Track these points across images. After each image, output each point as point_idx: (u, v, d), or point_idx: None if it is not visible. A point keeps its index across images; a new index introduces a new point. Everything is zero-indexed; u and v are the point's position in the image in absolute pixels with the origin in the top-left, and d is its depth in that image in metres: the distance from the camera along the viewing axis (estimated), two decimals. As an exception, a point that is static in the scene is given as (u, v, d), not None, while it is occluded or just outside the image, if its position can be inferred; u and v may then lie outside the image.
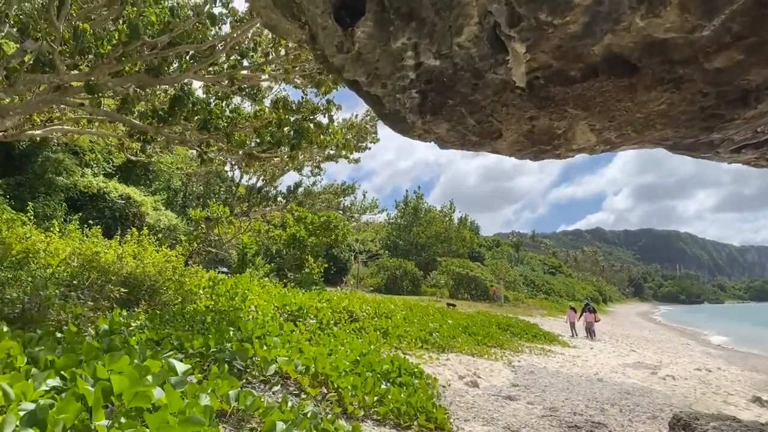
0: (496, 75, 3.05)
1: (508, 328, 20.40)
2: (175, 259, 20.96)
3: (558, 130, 3.36)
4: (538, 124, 3.33)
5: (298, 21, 3.68)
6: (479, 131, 3.57)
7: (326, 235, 21.43)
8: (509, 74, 2.95)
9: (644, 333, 36.59)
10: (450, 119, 3.55)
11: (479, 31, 2.83)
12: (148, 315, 8.46)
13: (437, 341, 13.71)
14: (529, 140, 3.60)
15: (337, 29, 3.40)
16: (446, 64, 3.11)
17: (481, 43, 2.86)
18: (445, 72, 3.22)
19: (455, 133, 3.71)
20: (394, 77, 3.42)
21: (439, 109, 3.47)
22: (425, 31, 2.97)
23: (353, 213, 39.32)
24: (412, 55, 3.19)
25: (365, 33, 3.24)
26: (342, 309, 13.15)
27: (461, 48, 2.94)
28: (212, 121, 10.44)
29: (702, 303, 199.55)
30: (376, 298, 18.61)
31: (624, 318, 62.47)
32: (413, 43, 3.09)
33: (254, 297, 12.93)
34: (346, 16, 3.28)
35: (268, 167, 15.64)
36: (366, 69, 3.53)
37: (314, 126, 10.79)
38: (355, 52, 3.44)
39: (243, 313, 11.00)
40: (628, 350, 21.52)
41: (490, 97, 3.22)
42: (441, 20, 2.85)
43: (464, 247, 69.30)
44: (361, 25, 3.21)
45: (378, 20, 3.09)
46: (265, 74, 12.35)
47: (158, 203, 26.70)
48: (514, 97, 3.16)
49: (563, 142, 3.52)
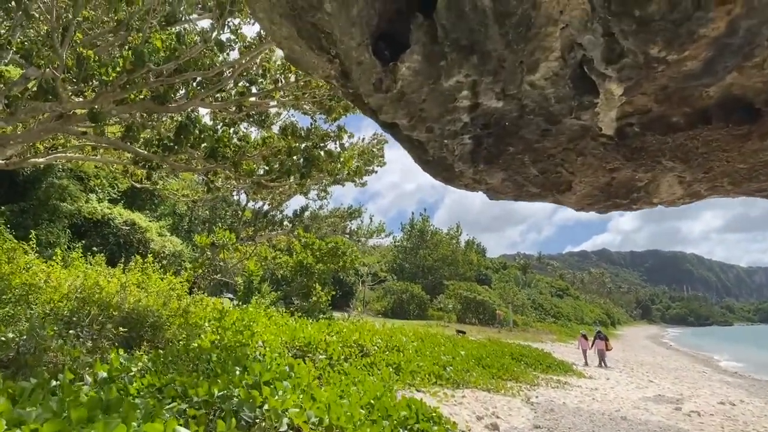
0: (576, 120, 2.59)
1: (521, 358, 19.78)
2: (180, 287, 20.57)
3: (639, 182, 2.88)
4: (618, 176, 2.85)
5: (327, 54, 3.24)
6: (542, 182, 3.10)
7: (334, 262, 20.96)
8: (594, 120, 2.48)
9: (658, 359, 35.75)
10: (507, 168, 3.07)
11: (560, 68, 2.37)
12: (151, 356, 7.98)
13: (451, 376, 13.15)
14: (604, 193, 3.13)
15: (376, 64, 2.94)
16: (511, 106, 2.63)
17: (560, 83, 2.39)
18: (508, 115, 2.74)
19: (512, 183, 3.23)
20: (443, 120, 2.95)
21: (495, 158, 2.99)
22: (489, 67, 2.48)
23: (360, 237, 38.86)
24: (469, 95, 2.72)
25: (411, 69, 2.77)
26: (352, 343, 12.64)
27: (534, 87, 2.47)
28: (219, 150, 10.08)
29: (711, 325, 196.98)
30: (386, 329, 18.06)
31: (634, 342, 61.39)
32: (471, 81, 2.61)
33: (262, 330, 12.44)
34: (386, 49, 2.84)
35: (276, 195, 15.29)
36: (409, 110, 3.07)
37: (325, 154, 10.42)
38: (397, 91, 2.97)
39: (250, 349, 10.51)
40: (646, 381, 20.82)
41: (563, 145, 2.75)
42: (512, 54, 2.37)
43: (471, 270, 68.61)
44: (406, 59, 2.74)
45: (427, 54, 2.63)
46: (273, 101, 12.05)
47: (163, 229, 26.35)
48: (596, 146, 2.68)
49: (643, 195, 3.05)
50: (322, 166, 10.66)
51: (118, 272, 19.11)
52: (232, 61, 9.80)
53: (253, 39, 9.76)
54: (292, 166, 10.13)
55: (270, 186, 11.15)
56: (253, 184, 11.10)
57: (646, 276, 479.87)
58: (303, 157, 10.28)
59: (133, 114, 10.13)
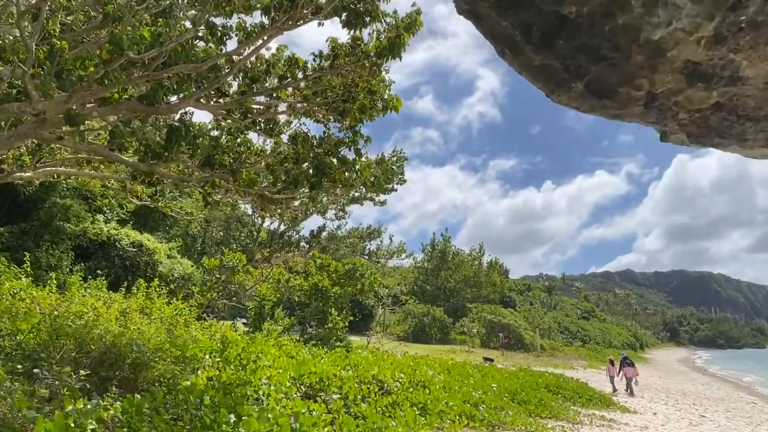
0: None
1: (558, 391, 17.95)
2: (187, 313, 19.17)
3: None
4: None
5: None
6: None
7: (351, 285, 19.43)
8: None
9: (699, 388, 33.40)
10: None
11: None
12: (123, 403, 6.51)
13: (485, 416, 11.49)
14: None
15: None
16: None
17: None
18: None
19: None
20: None
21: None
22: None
23: (379, 258, 37.38)
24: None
25: None
26: (371, 378, 11.04)
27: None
28: (217, 157, 8.72)
29: (742, 348, 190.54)
30: (409, 360, 16.44)
31: (668, 367, 58.54)
32: None
33: (268, 363, 10.93)
34: None
35: (285, 211, 13.88)
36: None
37: (338, 161, 9.00)
38: None
39: (251, 388, 9.01)
40: (698, 416, 18.81)
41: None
42: None
43: (495, 292, 66.46)
44: None
45: None
46: (282, 103, 10.71)
47: (173, 251, 25.12)
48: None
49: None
50: (335, 175, 9.23)
51: (119, 297, 17.83)
52: (229, 51, 8.47)
53: (254, 27, 8.44)
54: (300, 176, 8.71)
55: (276, 199, 9.75)
56: (256, 198, 9.71)
57: (672, 297, 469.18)
58: (313, 165, 8.87)
59: (121, 117, 8.82)
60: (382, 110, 9.80)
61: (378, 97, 9.78)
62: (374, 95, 9.75)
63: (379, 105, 9.74)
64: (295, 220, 33.65)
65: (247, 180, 8.60)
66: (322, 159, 8.95)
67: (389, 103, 9.67)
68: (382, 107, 9.73)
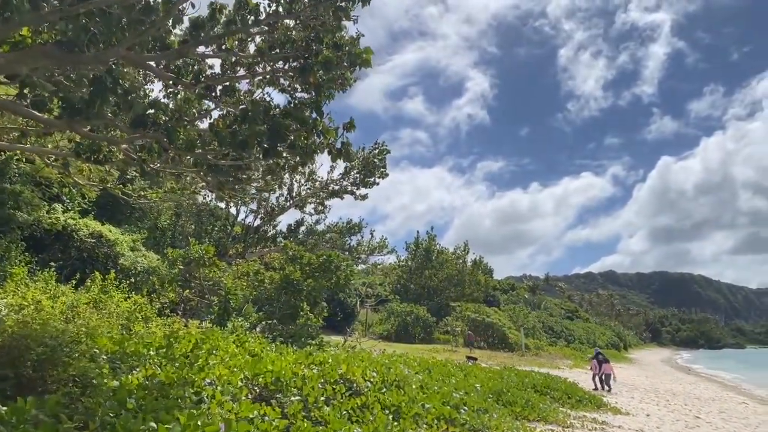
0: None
1: (546, 391, 16.75)
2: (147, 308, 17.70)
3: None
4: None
5: None
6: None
7: (326, 278, 18.05)
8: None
9: (687, 387, 32.51)
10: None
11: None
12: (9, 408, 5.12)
13: (466, 420, 10.22)
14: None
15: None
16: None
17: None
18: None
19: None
20: None
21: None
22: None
23: (360, 253, 36.00)
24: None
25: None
26: (338, 378, 9.70)
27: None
28: (151, 116, 7.34)
29: (722, 348, 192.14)
30: (385, 358, 15.14)
31: (653, 367, 57.92)
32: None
33: (219, 362, 9.55)
34: None
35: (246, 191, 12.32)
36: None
37: (296, 122, 7.65)
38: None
39: (192, 390, 7.63)
40: (692, 417, 17.72)
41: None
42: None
43: (479, 290, 65.37)
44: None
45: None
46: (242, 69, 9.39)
47: (137, 243, 23.55)
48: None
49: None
50: (296, 140, 7.89)
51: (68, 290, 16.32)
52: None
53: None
54: (249, 137, 7.35)
55: (225, 170, 8.37)
56: (202, 168, 8.33)
57: (653, 298, 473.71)
58: (267, 127, 7.51)
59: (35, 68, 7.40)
60: (350, 66, 8.49)
61: (344, 52, 8.47)
62: (340, 50, 8.45)
63: (346, 61, 8.42)
64: (272, 213, 32.22)
65: (186, 142, 7.24)
66: (277, 120, 7.59)
67: (358, 57, 8.36)
68: (350, 62, 8.41)
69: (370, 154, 34.14)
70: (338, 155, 8.47)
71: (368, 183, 34.20)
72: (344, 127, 8.58)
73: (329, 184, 31.70)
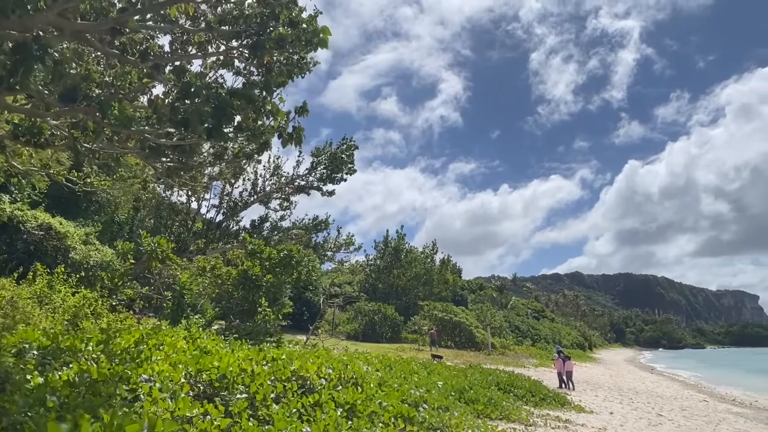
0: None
1: (510, 389, 16.48)
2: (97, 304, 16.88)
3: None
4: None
5: None
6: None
7: (287, 273, 17.45)
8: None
9: (650, 386, 32.84)
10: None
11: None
12: None
13: (425, 418, 9.81)
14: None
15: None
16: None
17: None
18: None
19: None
20: None
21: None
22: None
23: (326, 250, 35.40)
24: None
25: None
26: (290, 375, 9.17)
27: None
28: (83, 88, 6.72)
29: (684, 348, 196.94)
30: (343, 355, 14.66)
31: (617, 366, 58.68)
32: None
33: (164, 358, 8.93)
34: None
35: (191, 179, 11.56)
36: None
37: (243, 99, 7.11)
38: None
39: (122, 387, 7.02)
40: (655, 415, 17.67)
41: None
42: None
43: (447, 290, 65.32)
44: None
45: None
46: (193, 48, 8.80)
47: (91, 236, 22.53)
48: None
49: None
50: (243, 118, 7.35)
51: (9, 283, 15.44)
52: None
53: None
54: (191, 115, 6.78)
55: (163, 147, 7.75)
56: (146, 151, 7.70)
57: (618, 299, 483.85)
58: (211, 104, 6.95)
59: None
60: (307, 45, 7.97)
61: (301, 30, 7.96)
62: (296, 27, 7.93)
63: (302, 38, 7.90)
64: (235, 208, 31.40)
65: (121, 117, 6.63)
66: (222, 98, 7.03)
67: (315, 36, 7.85)
68: (306, 41, 7.89)
69: (337, 150, 33.61)
70: (289, 139, 7.94)
71: (335, 179, 33.66)
72: (296, 110, 8.07)
73: (295, 179, 31.06)
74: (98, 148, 7.86)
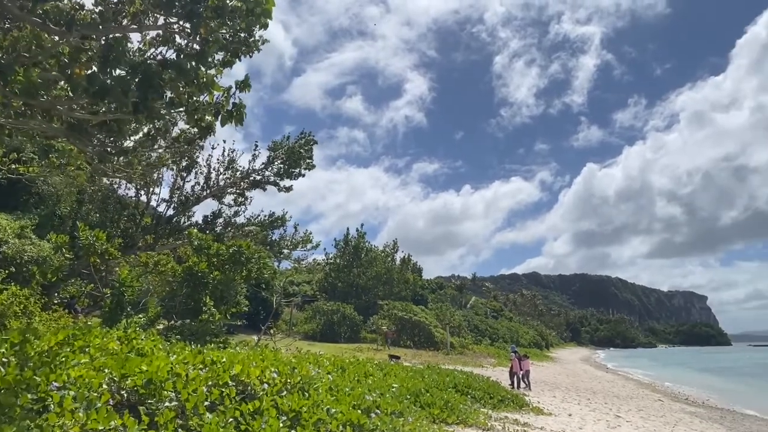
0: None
1: (468, 391, 15.98)
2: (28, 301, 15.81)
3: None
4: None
5: None
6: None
7: (236, 270, 16.54)
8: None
9: (606, 386, 33.01)
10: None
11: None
12: None
13: (377, 425, 9.13)
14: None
15: None
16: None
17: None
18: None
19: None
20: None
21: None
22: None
23: (282, 248, 34.34)
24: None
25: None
26: (229, 380, 8.36)
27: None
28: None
29: (636, 347, 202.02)
30: (293, 357, 13.89)
31: (573, 366, 59.28)
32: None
33: (89, 361, 8.00)
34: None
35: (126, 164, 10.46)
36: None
37: (173, 70, 6.30)
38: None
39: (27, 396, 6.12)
40: (613, 416, 17.46)
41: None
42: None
43: (407, 289, 64.89)
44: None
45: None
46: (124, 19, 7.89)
47: (26, 230, 21.08)
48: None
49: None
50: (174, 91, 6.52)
51: None
52: None
53: None
54: (113, 85, 5.94)
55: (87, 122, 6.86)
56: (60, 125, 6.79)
57: (574, 299, 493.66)
58: (136, 73, 6.12)
59: None
60: (248, 14, 7.19)
61: (242, 0, 7.19)
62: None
63: (242, 7, 7.12)
64: (186, 203, 30.08)
65: (25, 84, 5.74)
66: (149, 67, 6.20)
67: (257, 4, 7.08)
68: (247, 9, 7.12)
69: (295, 144, 32.61)
70: (229, 117, 7.16)
71: (293, 174, 32.65)
72: (237, 85, 7.28)
73: (250, 173, 29.99)
74: (7, 123, 6.89)
